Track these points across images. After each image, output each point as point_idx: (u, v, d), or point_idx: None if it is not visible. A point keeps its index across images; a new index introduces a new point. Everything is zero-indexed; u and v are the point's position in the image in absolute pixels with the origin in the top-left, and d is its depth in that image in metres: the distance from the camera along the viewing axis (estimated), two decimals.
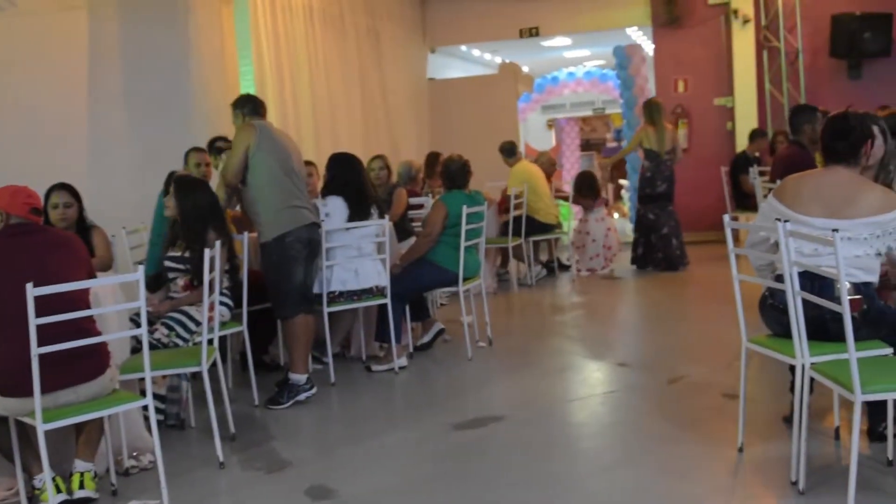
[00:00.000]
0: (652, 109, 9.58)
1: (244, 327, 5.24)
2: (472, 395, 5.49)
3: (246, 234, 5.28)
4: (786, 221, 3.60)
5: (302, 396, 5.32)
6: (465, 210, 6.02)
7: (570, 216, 10.54)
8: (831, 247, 3.27)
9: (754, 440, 4.19)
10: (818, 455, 4.09)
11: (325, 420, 5.15)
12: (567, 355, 6.37)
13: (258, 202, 5.30)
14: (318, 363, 5.98)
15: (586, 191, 9.88)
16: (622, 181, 12.49)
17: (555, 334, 7.15)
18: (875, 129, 4.30)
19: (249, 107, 5.47)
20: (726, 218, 3.99)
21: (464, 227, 6.04)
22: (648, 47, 12.90)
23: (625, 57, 12.35)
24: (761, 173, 8.45)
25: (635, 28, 12.83)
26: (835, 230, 3.26)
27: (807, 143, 6.46)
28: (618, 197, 15.53)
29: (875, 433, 4.06)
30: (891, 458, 3.84)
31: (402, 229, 7.09)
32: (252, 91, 7.81)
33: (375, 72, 11.02)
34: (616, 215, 14.78)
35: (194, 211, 4.99)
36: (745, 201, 9.65)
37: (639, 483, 3.92)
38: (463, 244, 6.08)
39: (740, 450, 4.10)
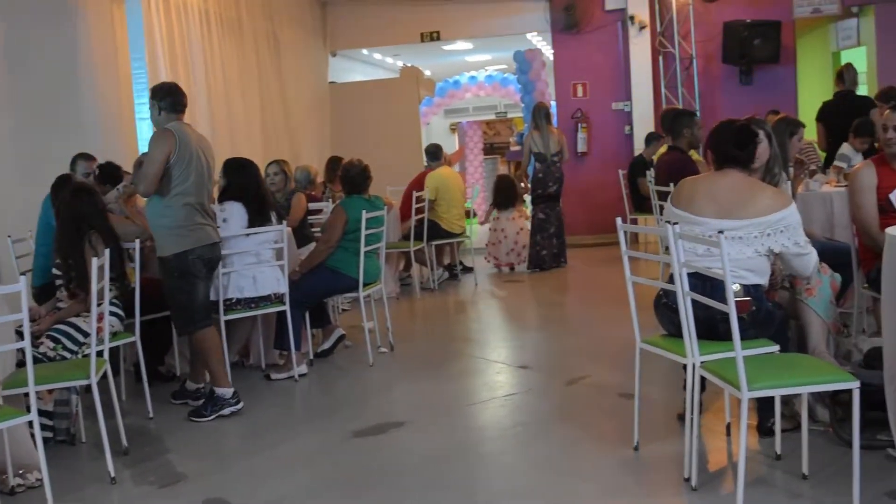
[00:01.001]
0: (535, 114, 9.98)
1: (136, 337, 5.09)
2: (373, 402, 5.46)
3: (137, 241, 5.13)
4: (675, 224, 3.67)
5: (227, 411, 5.16)
6: (364, 215, 5.99)
7: (474, 220, 10.67)
8: (723, 253, 3.34)
9: (650, 438, 4.26)
10: (711, 451, 4.21)
11: (222, 430, 5.03)
12: (469, 359, 6.39)
13: (165, 215, 5.05)
14: None
15: (504, 199, 10.23)
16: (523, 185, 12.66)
17: (457, 338, 7.17)
18: (760, 133, 4.44)
19: (169, 101, 5.11)
20: (619, 221, 4.06)
21: (363, 233, 6.00)
22: (548, 52, 13.07)
23: (525, 62, 12.50)
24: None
25: (535, 33, 13.00)
26: (720, 232, 3.34)
27: (685, 147, 6.64)
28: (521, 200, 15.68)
29: (764, 428, 4.18)
30: (779, 452, 3.96)
31: (302, 235, 7.01)
32: (144, 94, 7.59)
33: (275, 76, 10.87)
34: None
35: (70, 219, 4.84)
36: (643, 204, 9.84)
37: (538, 485, 3.95)
38: (363, 249, 6.04)
39: (636, 448, 4.17)
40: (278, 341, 5.98)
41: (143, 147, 7.99)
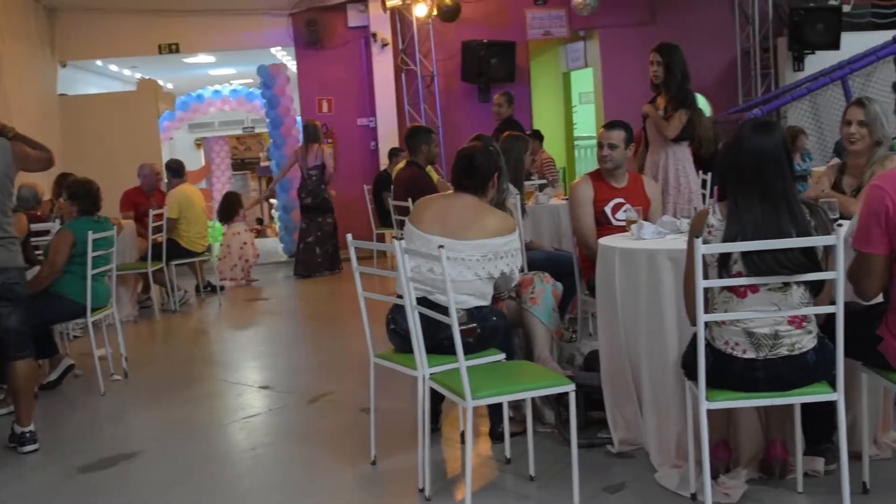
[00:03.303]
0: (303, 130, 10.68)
1: None
2: (103, 434, 5.14)
3: None
4: (401, 239, 3.73)
5: None
6: (90, 236, 5.66)
7: (220, 237, 10.48)
8: (443, 265, 3.41)
9: (389, 452, 4.29)
10: (447, 460, 4.30)
11: None
12: (209, 381, 6.19)
13: None
14: None
15: (226, 214, 10.75)
16: (273, 200, 12.52)
17: (197, 360, 6.93)
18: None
19: None
20: (349, 237, 4.07)
21: (90, 255, 5.66)
22: (293, 67, 12.99)
23: (269, 76, 12.35)
24: None
25: (279, 48, 12.87)
26: (441, 246, 3.41)
27: (422, 163, 6.83)
28: (270, 217, 15.51)
29: (495, 433, 4.33)
30: (509, 456, 4.10)
31: (24, 258, 6.50)
32: None
33: None
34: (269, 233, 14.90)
35: None
36: (388, 218, 9.99)
37: None
38: (90, 272, 5.70)
39: (373, 463, 4.19)
40: None
41: None
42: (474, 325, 3.93)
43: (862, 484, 3.48)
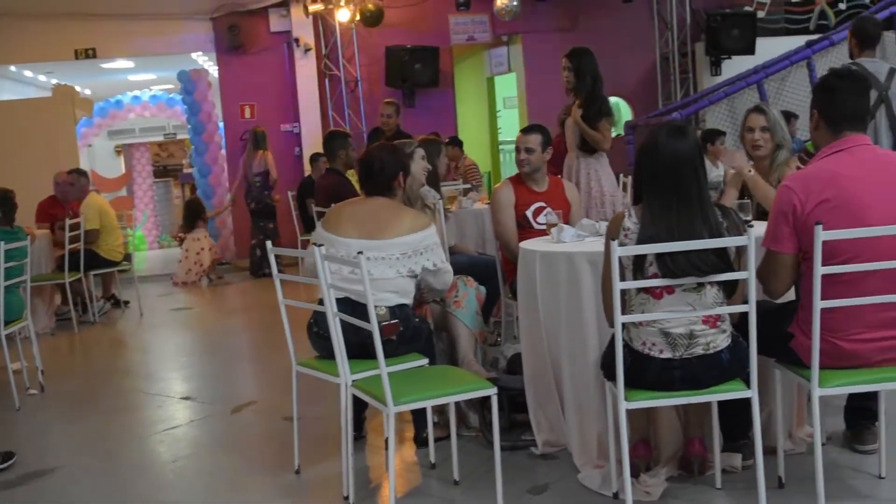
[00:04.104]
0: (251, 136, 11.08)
1: None
2: (18, 450, 4.95)
3: None
4: (321, 245, 3.70)
5: None
6: (2, 247, 5.49)
7: (144, 245, 10.32)
8: (363, 271, 3.40)
9: (314, 460, 4.25)
10: (372, 467, 4.27)
11: None
12: (130, 394, 6.05)
13: None
14: None
15: (191, 219, 11.15)
16: None
17: (117, 372, 6.77)
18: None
19: None
20: (269, 244, 4.02)
21: (1, 266, 5.49)
22: (215, 72, 12.82)
23: (190, 82, 12.18)
24: None
25: (200, 53, 12.69)
26: (360, 252, 3.40)
27: (341, 168, 6.79)
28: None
29: (419, 439, 4.33)
30: (433, 461, 4.11)
31: None
32: None
33: None
34: None
35: None
36: (313, 225, 9.89)
37: None
38: (2, 284, 5.53)
39: (297, 472, 4.15)
40: None
41: None
42: (396, 321, 3.93)
43: (778, 478, 3.57)
